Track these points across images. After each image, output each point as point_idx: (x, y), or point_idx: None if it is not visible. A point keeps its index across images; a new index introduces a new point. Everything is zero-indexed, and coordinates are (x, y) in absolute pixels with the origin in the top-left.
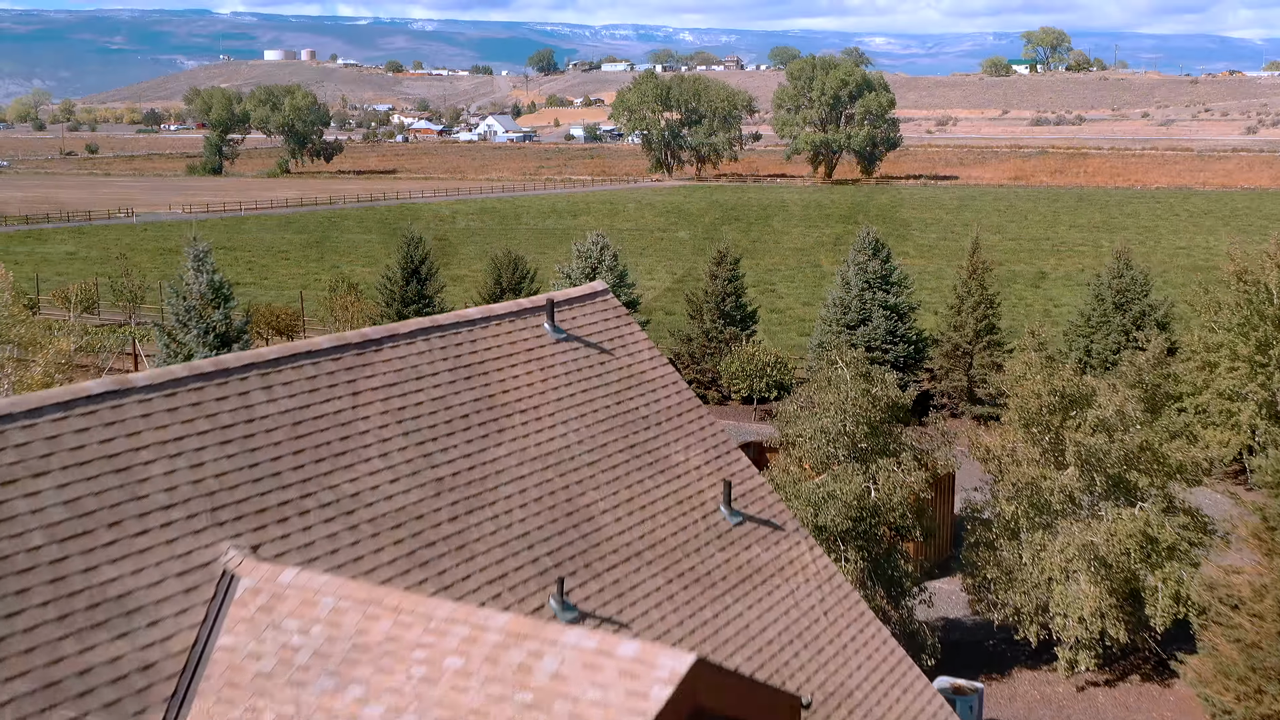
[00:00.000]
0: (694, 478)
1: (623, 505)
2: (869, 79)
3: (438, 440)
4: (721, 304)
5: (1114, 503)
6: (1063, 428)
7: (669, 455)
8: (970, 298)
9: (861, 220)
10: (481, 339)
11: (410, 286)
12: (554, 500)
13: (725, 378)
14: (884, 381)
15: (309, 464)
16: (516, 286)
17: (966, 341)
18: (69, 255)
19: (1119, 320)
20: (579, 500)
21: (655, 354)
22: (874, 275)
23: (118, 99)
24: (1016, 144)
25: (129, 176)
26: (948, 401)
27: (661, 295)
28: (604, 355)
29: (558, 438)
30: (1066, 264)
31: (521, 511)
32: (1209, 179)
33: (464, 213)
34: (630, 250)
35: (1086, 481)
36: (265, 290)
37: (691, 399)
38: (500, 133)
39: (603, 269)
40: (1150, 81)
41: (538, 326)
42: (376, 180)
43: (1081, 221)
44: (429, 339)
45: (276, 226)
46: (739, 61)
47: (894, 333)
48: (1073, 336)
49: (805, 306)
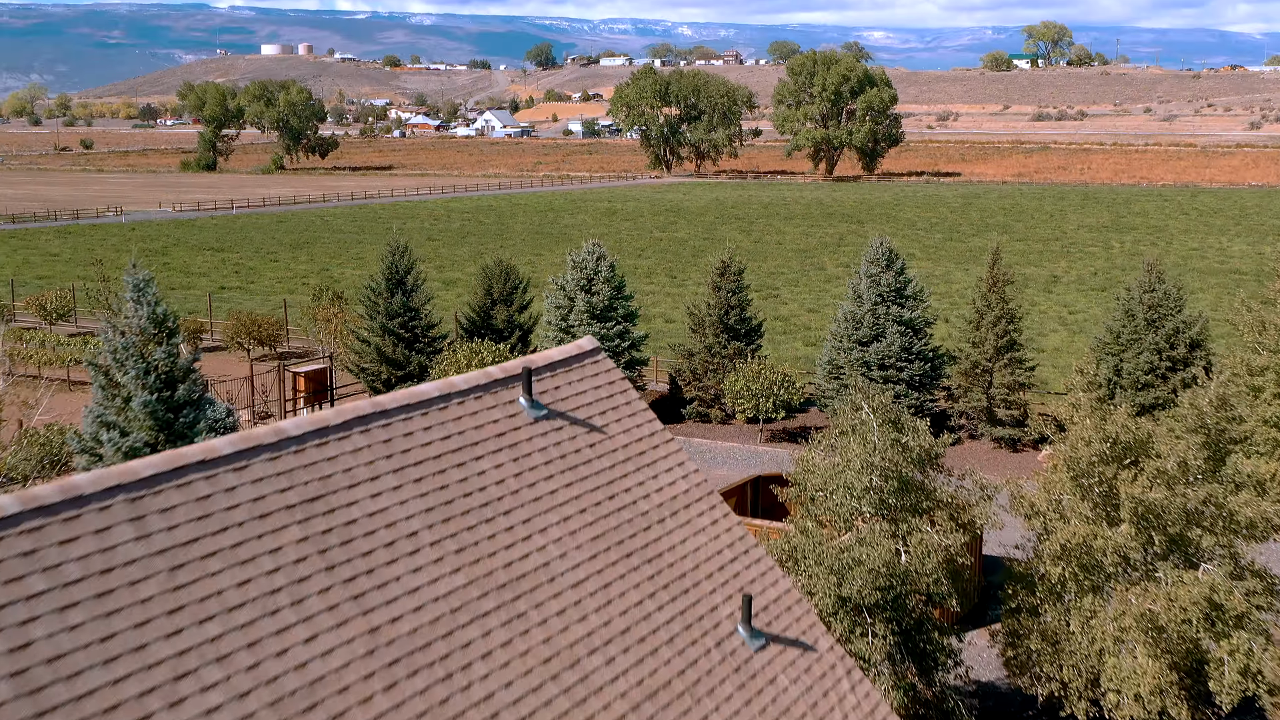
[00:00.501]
0: (705, 589)
1: (615, 640)
2: (870, 74)
3: (374, 573)
4: (725, 317)
5: (1173, 563)
6: (1116, 480)
7: (674, 562)
8: (991, 311)
9: (865, 219)
10: (438, 426)
11: (395, 298)
12: (526, 643)
13: (729, 397)
14: (915, 429)
15: (190, 627)
16: (508, 297)
17: (986, 359)
18: (52, 257)
19: (1151, 338)
20: (559, 640)
21: (656, 427)
22: (887, 288)
23: (114, 93)
24: (1018, 139)
25: (122, 173)
26: (966, 422)
27: (661, 299)
28: (594, 434)
29: (533, 553)
30: (1078, 267)
31: (484, 664)
32: (1215, 175)
33: (459, 211)
34: (628, 251)
35: (1143, 539)
36: (250, 296)
37: (700, 482)
38: (498, 128)
39: (599, 280)
40: (1152, 76)
41: (511, 403)
42: (372, 177)
43: (1090, 221)
44: (368, 430)
45: (268, 225)
46: (738, 56)
47: (909, 349)
48: (1101, 354)
49: (810, 313)
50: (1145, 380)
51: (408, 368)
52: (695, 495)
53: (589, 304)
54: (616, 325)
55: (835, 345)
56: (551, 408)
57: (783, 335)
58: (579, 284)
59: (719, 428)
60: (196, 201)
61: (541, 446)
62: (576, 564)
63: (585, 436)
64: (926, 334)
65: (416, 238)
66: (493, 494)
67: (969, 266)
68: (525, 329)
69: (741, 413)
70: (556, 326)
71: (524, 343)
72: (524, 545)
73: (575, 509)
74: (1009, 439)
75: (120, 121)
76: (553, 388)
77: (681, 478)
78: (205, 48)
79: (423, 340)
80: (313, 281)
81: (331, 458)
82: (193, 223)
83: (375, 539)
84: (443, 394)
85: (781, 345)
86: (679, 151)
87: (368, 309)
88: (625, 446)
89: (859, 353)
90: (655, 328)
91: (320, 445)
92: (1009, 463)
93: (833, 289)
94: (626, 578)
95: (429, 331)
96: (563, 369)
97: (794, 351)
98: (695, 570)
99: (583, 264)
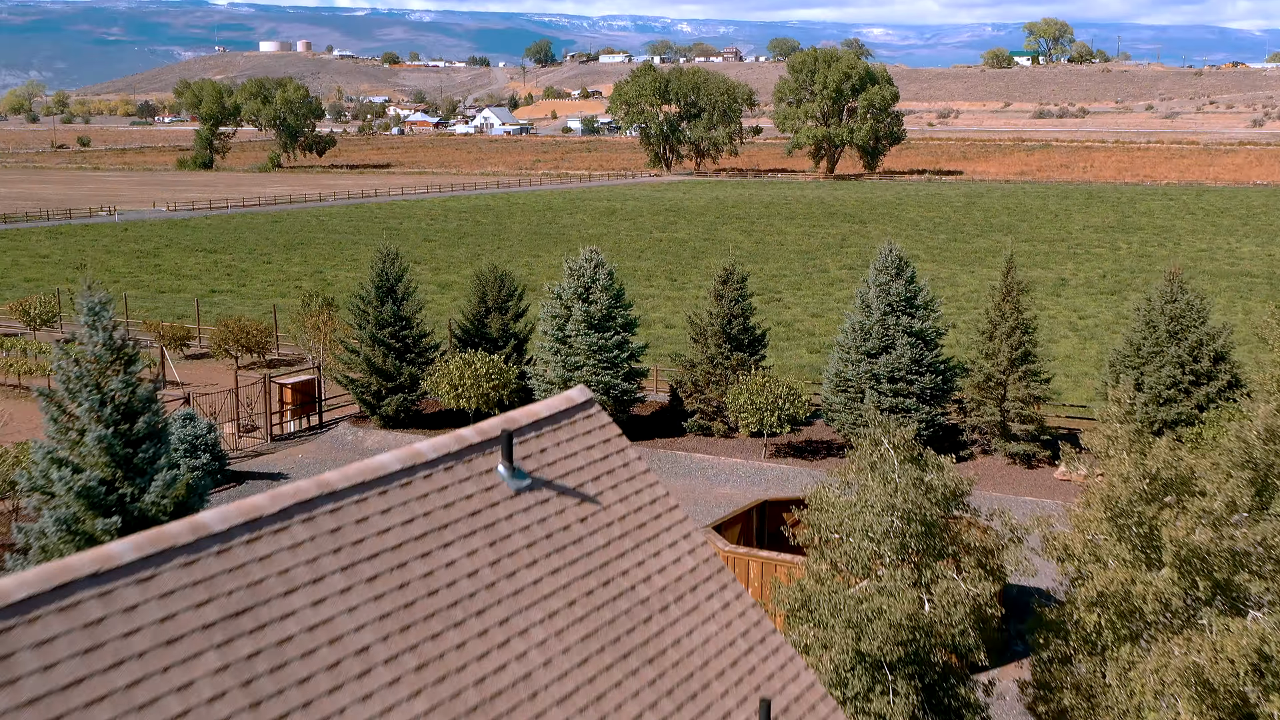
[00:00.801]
0: (716, 691)
1: None
2: (872, 72)
3: (311, 708)
4: (728, 327)
5: (1218, 610)
6: (1157, 520)
7: (679, 660)
8: (1005, 322)
9: (867, 219)
10: (399, 507)
11: (385, 307)
12: None
13: (732, 411)
14: (939, 467)
15: None
16: (503, 305)
17: (1000, 371)
18: (42, 259)
19: (1173, 351)
20: None
21: (658, 492)
22: (897, 298)
23: (112, 90)
24: (1020, 137)
25: (118, 171)
26: (979, 437)
27: (661, 304)
28: (585, 506)
29: (511, 663)
30: (1086, 269)
31: None
32: (1219, 174)
33: (456, 211)
34: (628, 253)
35: (1186, 584)
36: (241, 300)
37: (708, 557)
38: (497, 125)
39: (596, 289)
40: (1154, 73)
41: (488, 473)
42: (369, 175)
43: (1095, 221)
44: (312, 518)
45: (262, 226)
46: (738, 53)
47: (920, 361)
48: (1120, 368)
49: (814, 318)
50: (1167, 395)
51: (398, 379)
52: (703, 574)
53: (586, 313)
54: (615, 335)
55: (843, 357)
56: (536, 475)
57: (786, 342)
58: (576, 292)
59: (721, 442)
60: (191, 201)
61: (524, 525)
62: (564, 673)
63: (575, 509)
64: (938, 345)
65: (412, 238)
66: (464, 590)
67: (974, 269)
68: (521, 338)
69: (745, 427)
70: (553, 337)
71: (519, 352)
72: (500, 653)
73: (563, 601)
74: (1024, 454)
75: (118, 119)
76: (538, 450)
77: (688, 553)
78: (204, 44)
79: (414, 351)
80: (306, 285)
81: (264, 557)
82: (186, 223)
83: (315, 660)
84: (405, 467)
85: (785, 353)
86: (678, 149)
87: (357, 318)
88: (622, 519)
89: (867, 365)
90: (655, 334)
91: (250, 542)
92: (1024, 479)
93: (836, 292)
94: (623, 685)
95: (421, 341)
96: (550, 427)
97: (798, 359)
98: (704, 669)
99: (580, 271)
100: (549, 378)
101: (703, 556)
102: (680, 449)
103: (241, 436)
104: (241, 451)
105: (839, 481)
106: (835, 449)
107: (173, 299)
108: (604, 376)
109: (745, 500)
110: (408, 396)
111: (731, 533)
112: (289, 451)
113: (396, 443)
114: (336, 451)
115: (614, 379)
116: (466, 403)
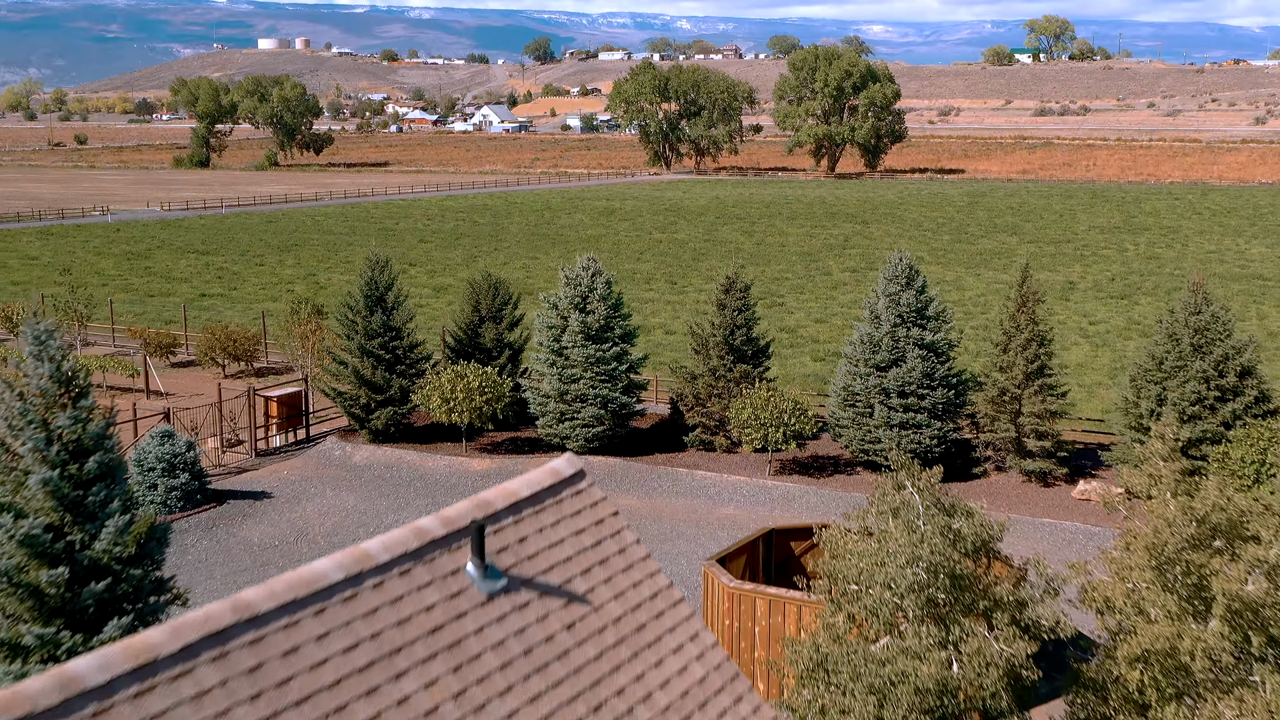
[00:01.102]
0: None
1: None
2: (873, 69)
3: None
4: (730, 337)
5: (1272, 667)
6: (1206, 569)
7: None
8: (1020, 334)
9: (870, 219)
10: (340, 631)
11: (375, 317)
12: None
13: (735, 426)
14: (968, 513)
15: None
16: (497, 314)
17: (1015, 385)
18: (30, 260)
19: (1198, 365)
20: None
21: (660, 583)
22: (908, 309)
23: (111, 88)
24: (1021, 135)
25: (114, 169)
26: (992, 454)
27: (661, 308)
28: (573, 609)
29: None
30: (1094, 271)
31: None
32: (1223, 172)
33: (454, 210)
34: (627, 254)
35: (1239, 639)
36: (231, 305)
37: (719, 664)
38: (496, 123)
39: (594, 298)
40: (1155, 71)
41: (454, 576)
42: (367, 174)
43: (1100, 221)
44: (224, 655)
45: (256, 226)
46: (738, 50)
47: (931, 375)
48: (1141, 382)
49: (818, 324)
50: (1192, 411)
51: (388, 392)
52: (714, 685)
53: (584, 324)
54: (613, 346)
55: (850, 370)
56: (514, 573)
57: (789, 349)
58: (573, 302)
59: (724, 458)
60: (185, 200)
61: (497, 640)
62: None
63: (561, 613)
64: (950, 358)
65: (408, 239)
66: None
67: (980, 271)
68: (516, 348)
69: (749, 443)
70: (548, 348)
71: (514, 363)
72: None
73: None
74: (1039, 472)
75: (116, 116)
76: (516, 540)
77: (696, 659)
78: (203, 42)
79: (404, 362)
80: (298, 288)
81: (158, 715)
82: (180, 222)
83: None
84: (350, 576)
85: (789, 361)
86: (678, 147)
87: (345, 328)
88: (617, 621)
89: (877, 379)
90: (655, 340)
91: (138, 697)
92: (1040, 499)
93: (840, 296)
94: None
95: (412, 352)
96: (531, 510)
97: (802, 368)
98: None
99: (577, 280)
100: (545, 390)
101: (713, 663)
102: (681, 465)
103: (225, 452)
104: (224, 468)
105: (858, 526)
106: (843, 465)
107: (161, 303)
108: (602, 389)
109: (749, 522)
110: (398, 410)
111: (736, 565)
112: (274, 468)
113: (386, 457)
114: (324, 467)
115: (612, 392)
116: (459, 417)
